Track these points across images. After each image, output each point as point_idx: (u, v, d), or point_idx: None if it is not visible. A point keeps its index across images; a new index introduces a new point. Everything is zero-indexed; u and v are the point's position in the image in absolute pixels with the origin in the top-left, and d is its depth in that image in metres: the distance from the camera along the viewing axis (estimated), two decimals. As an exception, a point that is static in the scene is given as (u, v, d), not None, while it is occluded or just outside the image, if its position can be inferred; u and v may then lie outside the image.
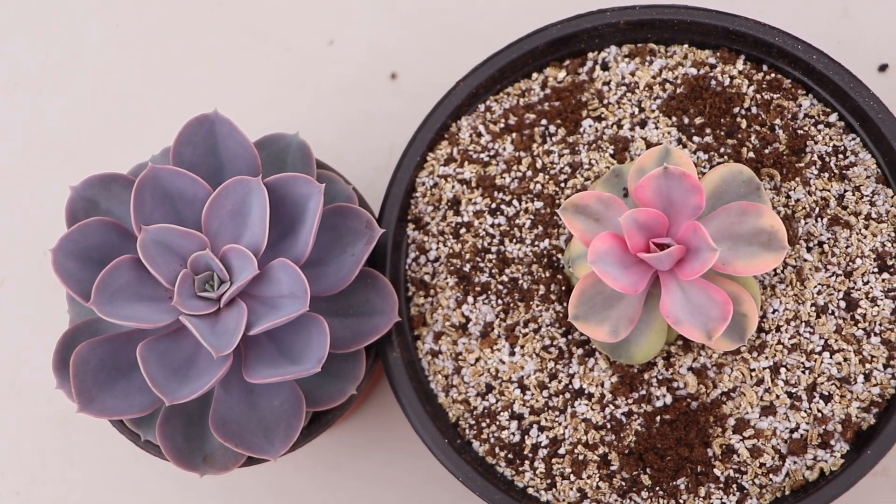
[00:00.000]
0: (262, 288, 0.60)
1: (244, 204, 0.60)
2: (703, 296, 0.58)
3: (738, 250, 0.58)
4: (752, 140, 0.63)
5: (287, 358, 0.60)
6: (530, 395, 0.62)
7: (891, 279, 0.61)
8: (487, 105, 0.66)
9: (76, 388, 0.58)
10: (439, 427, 0.62)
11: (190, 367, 0.59)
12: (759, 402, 0.60)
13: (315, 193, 0.59)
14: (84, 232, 0.60)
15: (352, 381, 0.62)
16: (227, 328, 0.58)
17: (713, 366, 0.61)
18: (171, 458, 0.61)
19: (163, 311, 0.59)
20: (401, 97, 0.80)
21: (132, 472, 0.74)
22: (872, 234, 0.61)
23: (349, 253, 0.61)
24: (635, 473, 0.60)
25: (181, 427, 0.61)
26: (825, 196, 0.62)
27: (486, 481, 0.60)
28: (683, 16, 0.64)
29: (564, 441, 0.61)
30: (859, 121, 0.63)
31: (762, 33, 0.63)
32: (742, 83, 0.64)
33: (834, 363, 0.60)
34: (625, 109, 0.64)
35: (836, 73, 0.62)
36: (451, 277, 0.64)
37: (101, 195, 0.62)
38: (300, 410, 0.61)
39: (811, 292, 0.61)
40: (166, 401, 0.57)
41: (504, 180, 0.64)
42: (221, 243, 0.60)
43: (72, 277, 0.59)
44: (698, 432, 0.60)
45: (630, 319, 0.59)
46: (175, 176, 0.60)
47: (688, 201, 0.57)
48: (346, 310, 0.63)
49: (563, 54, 0.66)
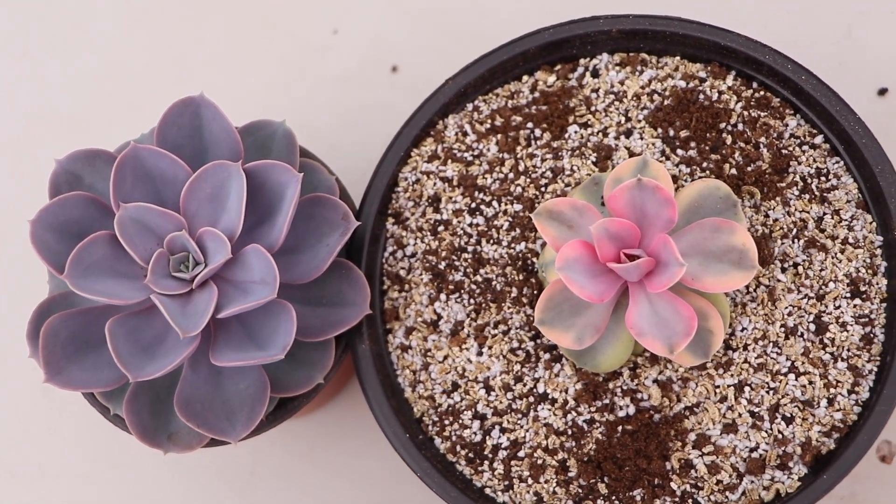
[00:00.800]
0: (234, 272, 0.60)
1: (223, 188, 0.60)
2: (670, 309, 0.58)
3: (709, 266, 0.58)
4: (735, 156, 0.63)
5: (254, 343, 0.60)
6: (495, 396, 0.62)
7: (862, 305, 0.60)
8: (475, 105, 0.66)
9: (44, 358, 0.59)
10: (402, 422, 0.62)
11: (158, 345, 0.60)
12: (722, 419, 0.60)
13: (293, 182, 0.60)
14: (63, 205, 0.60)
15: (320, 370, 0.63)
16: (196, 309, 0.59)
17: (678, 380, 0.61)
18: (137, 434, 0.61)
19: (135, 289, 0.60)
20: (400, 91, 0.80)
21: (108, 442, 0.75)
22: (848, 259, 0.61)
23: (324, 243, 0.62)
24: (592, 481, 0.60)
25: (148, 404, 0.62)
26: (804, 217, 0.62)
27: (443, 478, 0.61)
28: (676, 28, 0.64)
29: (525, 444, 0.61)
30: (844, 144, 0.62)
31: (753, 50, 0.63)
32: (730, 99, 0.64)
33: (799, 385, 0.60)
34: (611, 118, 0.64)
35: (824, 95, 0.62)
36: (425, 274, 0.64)
37: (86, 170, 0.63)
38: (264, 395, 0.61)
39: (782, 313, 0.60)
40: (130, 377, 0.57)
41: (486, 181, 0.64)
42: (198, 225, 0.60)
43: (48, 249, 0.60)
44: (658, 445, 0.60)
45: (596, 328, 0.59)
46: (156, 156, 0.60)
47: (660, 214, 0.57)
48: (319, 299, 0.63)
49: (554, 59, 0.66)
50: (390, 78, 0.81)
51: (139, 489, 0.75)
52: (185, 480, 0.75)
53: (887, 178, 0.61)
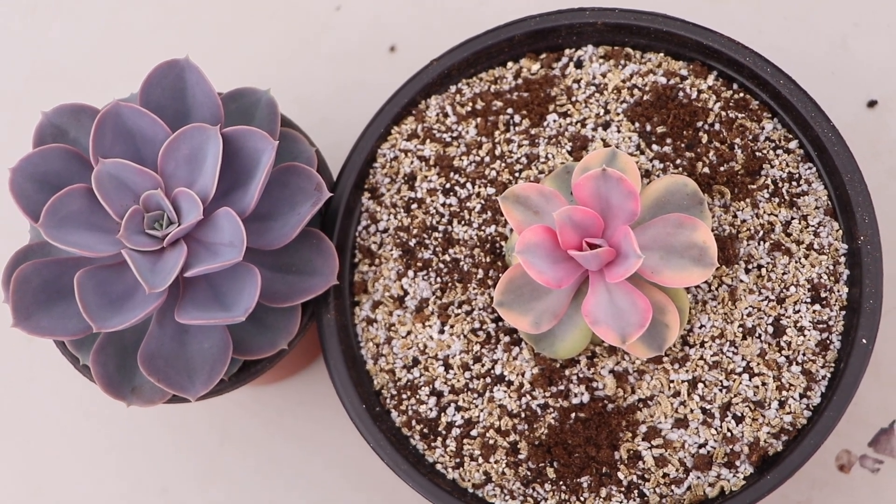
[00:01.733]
0: (205, 233, 0.61)
1: (200, 151, 0.61)
2: (627, 300, 0.58)
3: (669, 261, 0.58)
4: (709, 156, 0.63)
5: (219, 303, 0.61)
6: (453, 374, 0.63)
7: (821, 311, 0.61)
8: (459, 87, 0.67)
9: (13, 303, 0.60)
10: (360, 393, 0.63)
11: (126, 300, 0.61)
12: (674, 413, 0.61)
13: (268, 149, 0.61)
14: (45, 156, 0.62)
15: (284, 336, 0.64)
16: (165, 266, 0.60)
17: (634, 371, 0.61)
18: (101, 384, 0.63)
19: (108, 243, 0.61)
20: (396, 71, 0.81)
21: (82, 392, 0.77)
22: (811, 265, 0.61)
23: (296, 212, 0.63)
24: (541, 465, 0.61)
25: (114, 356, 0.63)
26: (772, 220, 0.62)
27: (395, 451, 0.62)
28: (660, 24, 0.65)
29: (478, 423, 0.62)
30: (817, 151, 0.63)
31: (734, 52, 0.64)
32: (709, 98, 0.64)
33: (752, 386, 0.60)
34: (591, 109, 0.65)
35: (800, 100, 0.62)
36: (396, 249, 0.65)
37: (71, 124, 0.64)
38: (225, 356, 0.62)
39: (741, 313, 0.61)
40: (95, 327, 0.59)
41: (462, 162, 0.65)
42: (174, 185, 0.62)
43: (26, 198, 0.61)
44: (609, 434, 0.61)
45: (554, 314, 0.60)
46: (137, 115, 0.62)
47: (624, 206, 0.58)
48: (289, 266, 0.64)
49: (540, 47, 0.67)
50: (388, 58, 0.82)
51: (108, 443, 0.77)
52: (155, 437, 0.76)
53: (856, 187, 0.61)
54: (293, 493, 0.75)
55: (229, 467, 0.76)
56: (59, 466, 0.77)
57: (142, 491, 0.76)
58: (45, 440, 0.77)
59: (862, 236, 0.61)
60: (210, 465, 0.76)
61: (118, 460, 0.76)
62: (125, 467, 0.76)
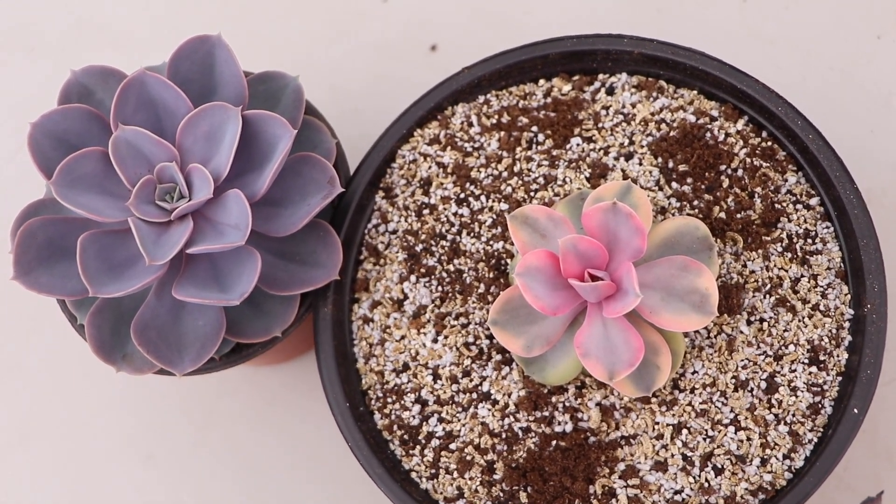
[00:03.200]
0: (214, 212, 0.61)
1: (220, 129, 0.61)
2: (621, 336, 0.58)
3: (669, 303, 0.57)
4: (728, 201, 0.62)
5: (218, 284, 0.61)
6: (440, 385, 0.63)
7: (817, 374, 0.60)
8: (487, 98, 0.67)
9: (16, 256, 0.61)
10: (346, 390, 0.63)
11: (127, 268, 0.61)
12: (654, 455, 0.60)
13: (286, 136, 0.61)
14: (67, 115, 0.62)
15: (279, 324, 0.64)
16: (169, 240, 0.61)
17: (622, 408, 0.61)
18: (93, 347, 0.63)
19: (116, 209, 0.61)
20: (434, 70, 0.80)
21: (78, 348, 0.78)
22: (814, 326, 0.60)
23: (306, 202, 0.63)
24: (515, 488, 0.61)
25: (110, 320, 0.64)
26: (781, 275, 0.61)
27: (372, 454, 0.61)
28: (697, 62, 0.64)
29: (458, 438, 0.62)
30: (837, 211, 0.62)
31: (768, 99, 0.63)
32: (736, 143, 0.63)
33: (736, 439, 0.59)
34: (616, 138, 0.64)
35: (827, 157, 0.61)
36: (402, 252, 0.65)
37: (99, 86, 0.64)
38: (217, 336, 0.62)
39: (736, 364, 0.60)
40: (91, 291, 0.59)
41: (479, 174, 0.65)
42: (189, 161, 0.62)
43: (42, 155, 0.61)
44: (587, 467, 0.60)
45: (547, 340, 0.59)
46: (161, 86, 0.62)
47: (631, 242, 0.57)
48: (293, 255, 0.64)
49: (574, 68, 0.66)
50: (428, 56, 0.81)
51: (98, 404, 0.77)
52: (145, 404, 0.76)
53: (870, 254, 0.60)
54: (269, 475, 0.75)
55: (214, 442, 0.76)
56: (48, 420, 0.77)
57: (127, 455, 0.76)
58: (38, 393, 0.78)
59: (869, 304, 0.59)
60: (196, 437, 0.76)
61: (107, 422, 0.77)
62: (114, 430, 0.77)
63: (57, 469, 0.76)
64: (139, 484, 0.76)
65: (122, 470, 0.76)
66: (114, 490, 0.76)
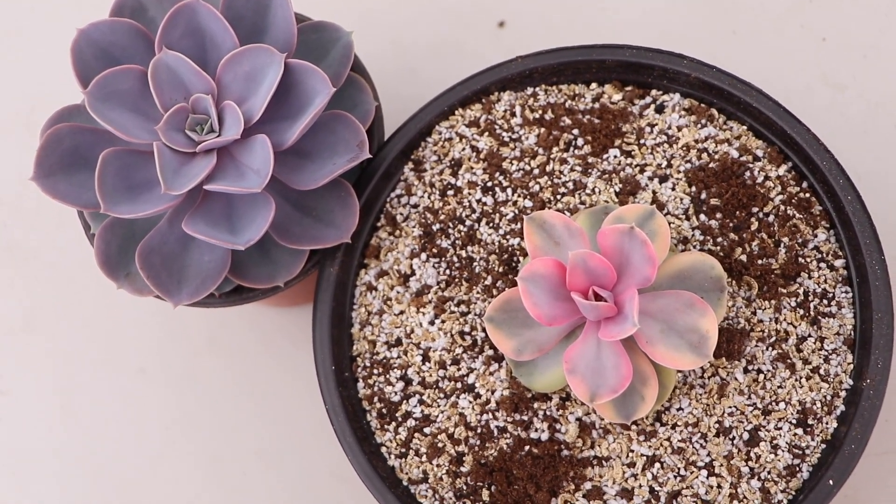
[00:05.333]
0: (240, 152, 0.61)
1: (260, 72, 0.61)
2: (612, 360, 0.57)
3: (667, 338, 0.57)
4: (752, 244, 0.61)
5: (229, 224, 0.61)
6: (428, 367, 0.62)
7: (802, 437, 0.59)
8: (535, 91, 0.66)
9: (38, 158, 0.61)
10: (335, 352, 0.63)
11: (144, 191, 0.61)
12: (623, 482, 0.59)
13: (324, 93, 0.60)
14: (114, 28, 0.62)
15: (284, 274, 0.64)
16: (189, 172, 0.61)
17: (601, 427, 0.60)
18: (99, 260, 0.63)
19: (145, 130, 0.61)
20: (498, 46, 0.80)
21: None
22: (809, 389, 0.59)
23: (332, 160, 0.62)
24: (479, 484, 0.61)
25: (120, 237, 0.64)
26: (788, 331, 0.60)
27: (346, 421, 0.62)
28: (752, 99, 0.62)
29: (434, 423, 0.62)
30: (859, 278, 0.60)
31: (814, 151, 0.61)
32: (774, 187, 0.62)
33: (706, 484, 0.59)
34: (654, 157, 0.63)
35: (860, 222, 0.60)
36: (417, 228, 0.64)
37: (153, 4, 0.64)
38: (219, 275, 0.63)
39: (723, 410, 0.59)
40: (103, 208, 0.59)
41: (511, 166, 0.64)
42: (226, 97, 0.61)
43: (83, 63, 0.61)
44: (553, 479, 0.60)
45: (539, 347, 0.59)
46: (212, 17, 0.61)
47: (641, 269, 0.56)
48: (310, 210, 0.64)
49: (628, 78, 0.65)
50: (495, 31, 0.80)
51: (104, 311, 0.78)
52: (145, 324, 0.77)
53: (882, 329, 0.58)
54: (255, 414, 0.76)
55: (206, 370, 0.76)
56: (46, 321, 0.78)
57: (120, 365, 0.77)
58: (41, 295, 0.79)
59: (870, 378, 0.58)
60: (190, 362, 0.77)
61: (106, 330, 0.77)
62: (112, 339, 0.77)
63: (52, 362, 0.78)
64: (127, 394, 0.77)
65: (112, 378, 0.77)
66: (101, 395, 0.77)
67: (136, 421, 0.77)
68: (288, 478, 0.74)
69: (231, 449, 0.75)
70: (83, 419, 0.76)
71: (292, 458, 0.74)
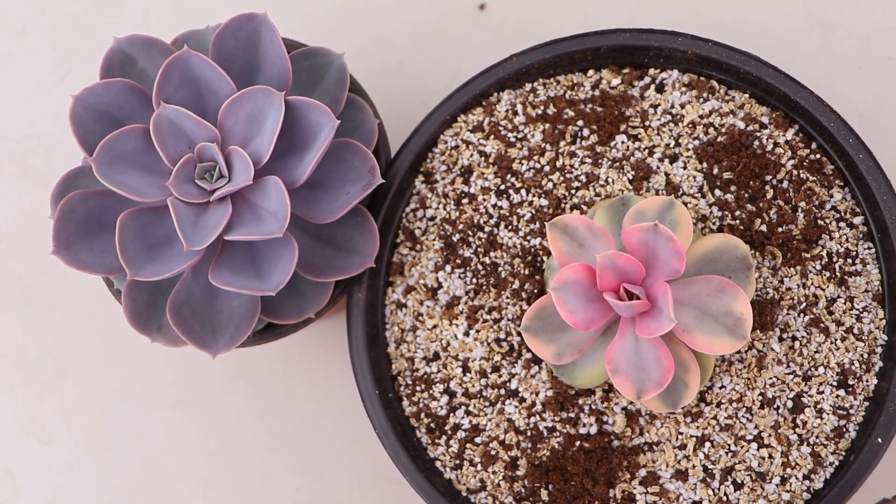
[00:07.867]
0: (254, 195, 0.61)
1: (262, 113, 0.61)
2: (652, 354, 0.58)
3: (703, 324, 0.57)
4: (770, 213, 0.62)
5: (255, 269, 0.62)
6: (469, 378, 0.63)
7: (845, 398, 0.60)
8: (534, 87, 0.66)
9: (56, 231, 0.61)
10: (376, 375, 0.64)
11: (165, 247, 0.62)
12: (676, 464, 0.61)
13: (328, 126, 0.60)
14: (108, 89, 0.61)
15: (313, 306, 0.65)
16: (208, 224, 0.61)
17: (647, 414, 0.61)
18: (129, 318, 0.64)
19: (156, 187, 0.61)
20: (481, 31, 0.79)
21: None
22: (846, 349, 0.60)
23: (346, 190, 0.62)
24: (537, 486, 0.62)
25: (146, 292, 0.64)
26: (817, 294, 0.61)
27: (398, 442, 0.63)
28: (751, 68, 0.62)
29: (484, 432, 0.63)
30: (880, 233, 0.61)
31: (820, 113, 0.61)
32: (784, 153, 0.62)
33: (758, 456, 0.60)
34: (662, 138, 0.63)
35: (875, 178, 0.60)
36: (438, 240, 0.65)
37: (141, 55, 0.64)
38: (252, 318, 0.63)
39: (765, 382, 0.60)
40: (129, 274, 0.59)
41: (521, 166, 0.64)
42: (230, 142, 0.61)
43: (84, 129, 0.61)
44: (608, 470, 0.61)
45: (578, 348, 0.60)
46: (205, 66, 0.61)
47: (669, 262, 0.57)
48: (330, 239, 0.64)
49: (625, 62, 0.65)
50: (476, 15, 0.79)
51: (134, 349, 0.78)
52: (179, 360, 0.78)
53: (910, 282, 0.59)
54: (294, 426, 0.76)
55: (242, 390, 0.77)
56: (76, 366, 0.79)
57: (157, 398, 0.78)
58: (68, 341, 0.79)
59: (904, 332, 0.59)
60: (225, 385, 0.77)
61: (139, 367, 0.78)
62: (146, 374, 0.78)
63: (89, 406, 0.78)
64: (167, 427, 0.77)
65: (151, 413, 0.78)
66: (141, 432, 0.78)
67: (179, 451, 0.78)
68: (341, 491, 0.75)
69: (279, 466, 0.76)
70: (127, 457, 0.77)
71: (342, 471, 0.75)
